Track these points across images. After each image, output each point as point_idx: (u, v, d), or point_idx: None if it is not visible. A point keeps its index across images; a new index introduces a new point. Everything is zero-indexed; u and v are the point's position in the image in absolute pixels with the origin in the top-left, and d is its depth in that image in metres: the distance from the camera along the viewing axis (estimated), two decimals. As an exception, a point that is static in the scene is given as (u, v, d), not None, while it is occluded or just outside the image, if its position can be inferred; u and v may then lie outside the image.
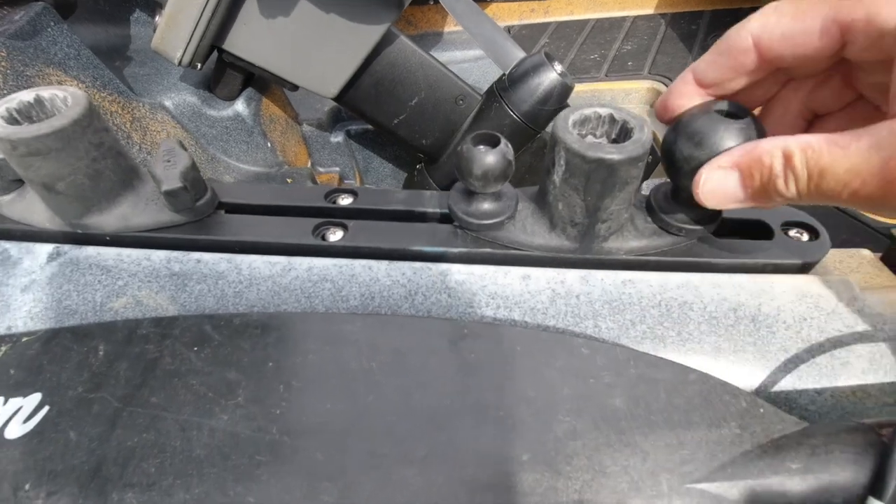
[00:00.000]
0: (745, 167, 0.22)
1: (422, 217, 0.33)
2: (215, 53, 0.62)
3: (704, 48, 0.96)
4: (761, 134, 0.25)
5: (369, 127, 0.83)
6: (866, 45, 0.21)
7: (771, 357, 0.28)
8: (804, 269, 0.31)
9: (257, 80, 0.71)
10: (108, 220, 0.31)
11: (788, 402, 0.28)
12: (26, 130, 0.26)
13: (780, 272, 0.31)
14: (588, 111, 0.27)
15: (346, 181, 0.90)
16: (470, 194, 0.30)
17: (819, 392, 0.28)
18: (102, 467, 0.25)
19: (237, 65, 0.61)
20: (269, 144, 0.72)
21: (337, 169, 0.90)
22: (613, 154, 0.25)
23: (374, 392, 0.25)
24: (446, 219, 0.32)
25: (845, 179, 0.19)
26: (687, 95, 0.26)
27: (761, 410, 0.23)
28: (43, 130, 0.26)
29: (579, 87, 0.90)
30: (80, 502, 0.24)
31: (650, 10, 1.07)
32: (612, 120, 0.27)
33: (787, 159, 0.20)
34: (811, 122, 0.28)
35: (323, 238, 0.32)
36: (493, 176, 0.27)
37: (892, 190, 0.18)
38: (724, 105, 0.26)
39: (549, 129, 0.69)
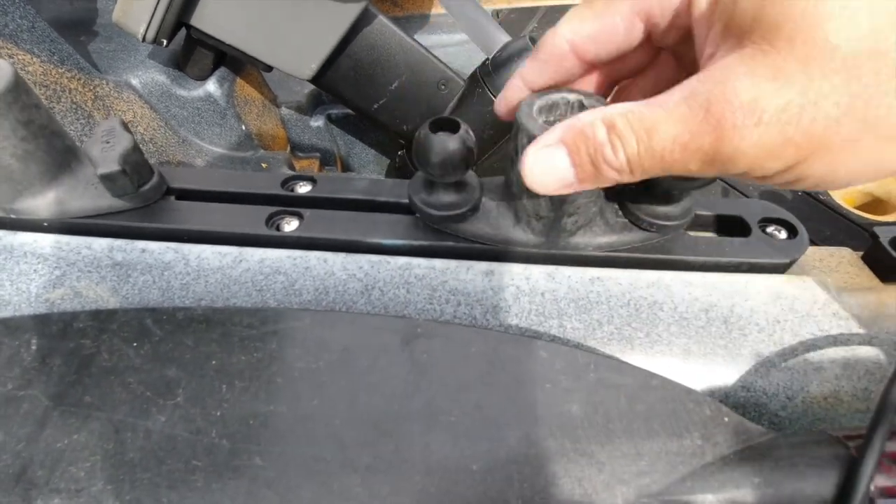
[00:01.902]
0: (571, 142, 0.20)
1: (383, 207, 0.31)
2: (184, 30, 0.59)
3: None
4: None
5: (351, 111, 0.80)
6: (667, 28, 0.21)
7: (742, 360, 0.27)
8: (781, 268, 0.30)
9: (231, 59, 0.68)
10: (43, 204, 0.28)
11: (758, 408, 0.27)
12: (-58, 106, 0.24)
13: (755, 271, 0.29)
14: (555, 96, 0.26)
15: (326, 167, 0.88)
16: (430, 184, 0.28)
17: (790, 398, 0.27)
18: (28, 471, 0.23)
19: (206, 42, 0.59)
20: (243, 127, 0.69)
21: (317, 154, 0.87)
22: (579, 144, 0.23)
23: (319, 394, 0.24)
24: (408, 209, 0.30)
25: (673, 133, 0.18)
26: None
27: (726, 419, 0.22)
28: (-39, 107, 0.24)
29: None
30: (1, 508, 0.22)
31: (642, -4, 1.04)
32: (581, 106, 0.26)
33: (611, 127, 0.19)
34: None
35: (277, 228, 0.30)
36: (453, 164, 0.25)
37: (723, 135, 0.17)
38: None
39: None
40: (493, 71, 0.66)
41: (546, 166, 0.21)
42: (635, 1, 0.21)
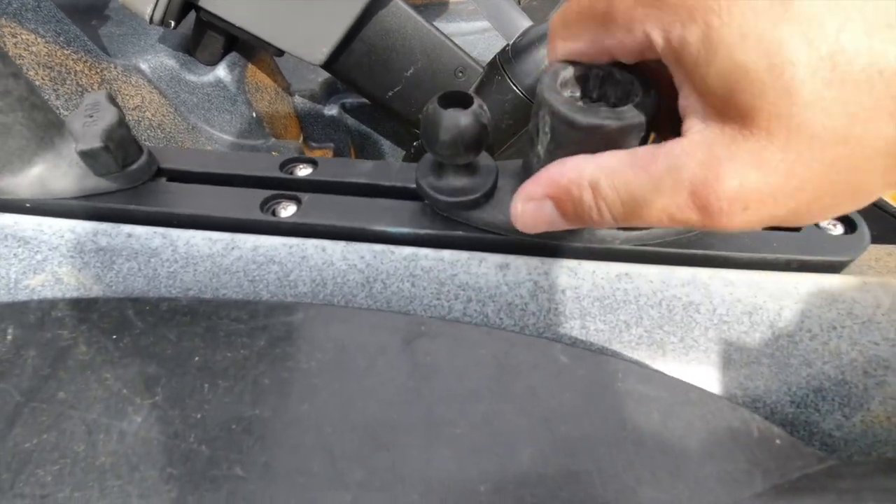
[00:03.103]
0: (557, 198, 0.20)
1: (388, 192, 0.28)
2: (194, 13, 0.57)
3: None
4: None
5: (366, 100, 0.78)
6: (635, 63, 0.20)
7: (791, 372, 0.24)
8: (836, 267, 0.26)
9: (243, 44, 0.66)
10: (23, 183, 0.26)
11: (809, 426, 0.24)
12: None
13: (806, 270, 0.26)
14: (583, 67, 0.22)
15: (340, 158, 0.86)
16: (440, 167, 0.25)
17: (847, 416, 0.23)
18: (-7, 472, 0.21)
19: (216, 25, 0.57)
20: (254, 115, 0.67)
21: (331, 144, 0.85)
22: (610, 120, 0.20)
23: (309, 398, 0.21)
24: (416, 195, 0.28)
25: (660, 204, 0.18)
26: None
27: (777, 442, 0.19)
28: (-72, 73, 0.22)
29: (591, 63, 0.84)
30: (-39, 513, 0.20)
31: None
32: (612, 78, 0.22)
33: (595, 189, 0.19)
34: None
35: (273, 213, 0.28)
36: (464, 143, 0.23)
37: (710, 217, 0.17)
38: None
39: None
40: (513, 57, 0.63)
41: (534, 216, 0.21)
42: (596, 37, 0.20)
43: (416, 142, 0.77)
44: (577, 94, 0.23)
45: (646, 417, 0.19)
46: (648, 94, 0.21)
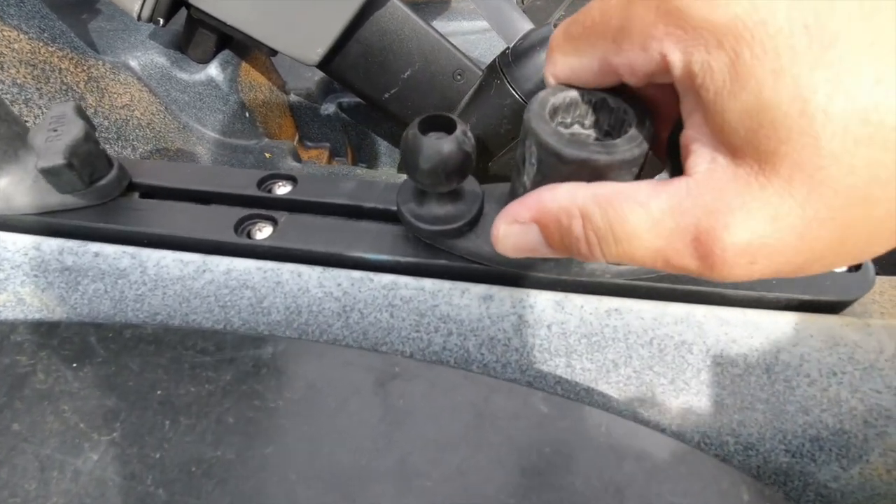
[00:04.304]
0: (544, 224, 0.19)
1: (370, 214, 0.27)
2: (185, 9, 0.55)
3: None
4: None
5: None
6: (644, 87, 0.18)
7: (787, 419, 0.22)
8: (838, 307, 0.25)
9: (237, 42, 0.65)
10: (-15, 199, 0.25)
11: (804, 477, 0.23)
12: None
13: (807, 310, 0.25)
14: (574, 93, 0.21)
15: (336, 158, 0.84)
16: (422, 193, 0.24)
17: (845, 468, 0.22)
18: (-60, 509, 0.20)
19: (208, 23, 0.55)
20: (247, 114, 0.66)
21: (327, 144, 0.84)
22: (599, 154, 0.19)
23: (275, 440, 0.20)
24: (398, 218, 0.26)
25: (656, 246, 0.16)
26: None
27: (770, 506, 0.18)
28: None
29: (594, 67, 0.82)
30: None
31: (679, -15, 0.97)
32: (605, 106, 0.21)
33: (586, 219, 0.17)
34: None
35: (248, 235, 0.26)
36: (446, 172, 0.21)
37: (711, 266, 0.15)
38: None
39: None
40: (513, 61, 0.62)
41: (518, 240, 0.20)
42: (604, 55, 0.18)
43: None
44: (568, 120, 0.22)
45: (630, 477, 0.18)
46: (643, 125, 0.20)
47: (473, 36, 0.90)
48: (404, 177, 0.71)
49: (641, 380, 0.23)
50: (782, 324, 0.24)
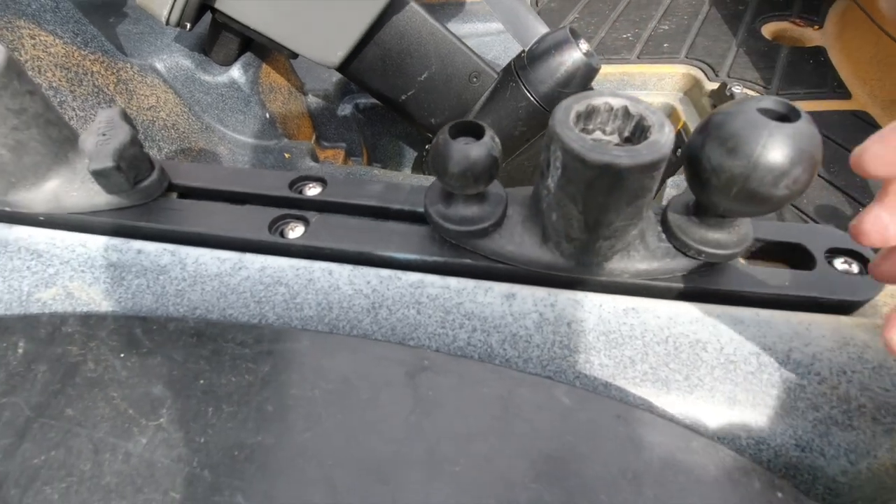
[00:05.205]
0: None
1: (397, 215, 0.28)
2: (210, 14, 0.57)
3: (752, 32, 0.87)
4: (817, 146, 0.19)
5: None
6: None
7: (798, 415, 0.23)
8: (850, 308, 0.26)
9: (257, 45, 0.66)
10: (38, 198, 0.27)
11: (814, 471, 0.23)
12: (-74, 92, 0.22)
13: (819, 310, 0.25)
14: (597, 101, 0.22)
15: (352, 158, 0.86)
16: (449, 195, 0.25)
17: (853, 462, 0.23)
18: (2, 487, 0.22)
19: (231, 27, 0.57)
20: (267, 115, 0.68)
21: (343, 144, 0.85)
22: (622, 159, 0.20)
23: (313, 427, 0.21)
24: (425, 219, 0.27)
25: None
26: None
27: (779, 495, 0.19)
28: (-54, 93, 0.22)
29: (607, 69, 0.82)
30: (-29, 527, 0.21)
31: (694, -13, 0.97)
32: (627, 114, 0.22)
33: None
34: None
35: (281, 234, 0.28)
36: (474, 175, 0.22)
37: None
38: (769, 102, 0.20)
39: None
40: (528, 64, 0.63)
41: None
42: None
43: (429, 145, 0.77)
44: (590, 127, 0.23)
45: (646, 465, 0.19)
46: (663, 131, 0.21)
47: (488, 38, 0.91)
48: (423, 177, 0.72)
49: (657, 376, 0.24)
50: (794, 323, 0.25)
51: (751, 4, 0.93)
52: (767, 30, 0.88)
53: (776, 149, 0.19)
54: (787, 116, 0.20)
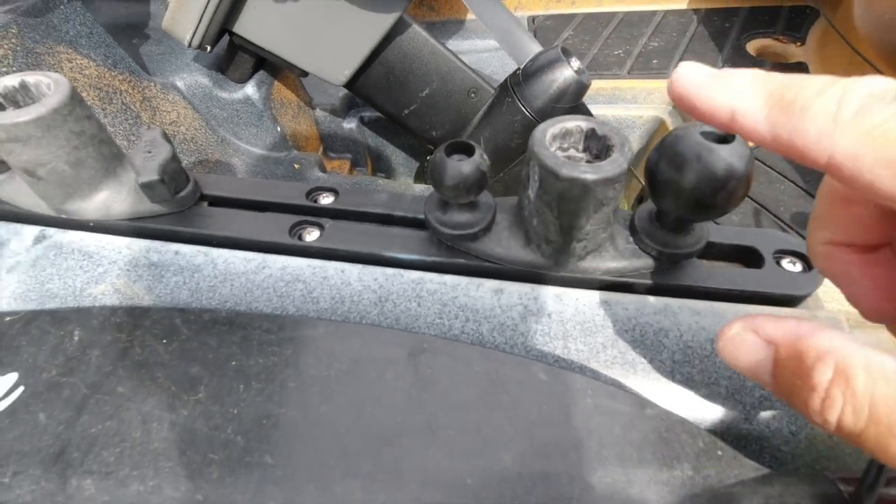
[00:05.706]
0: (781, 354, 0.16)
1: (400, 221, 0.33)
2: (227, 36, 0.62)
3: (737, 49, 0.92)
4: (748, 164, 0.23)
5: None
6: None
7: (746, 393, 0.27)
8: (794, 301, 0.29)
9: (269, 64, 0.71)
10: (90, 206, 0.31)
11: (760, 441, 0.27)
12: (5, 117, 0.26)
13: (767, 303, 0.29)
14: (570, 124, 0.26)
15: (357, 168, 0.90)
16: (444, 203, 0.29)
17: (794, 433, 0.27)
18: (66, 452, 0.26)
19: (247, 48, 0.61)
20: (278, 129, 0.72)
21: (349, 156, 0.90)
22: (587, 174, 0.24)
23: (327, 401, 0.25)
24: (424, 225, 0.32)
25: None
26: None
27: (719, 453, 0.23)
28: (22, 118, 0.26)
29: (599, 84, 0.87)
30: (41, 484, 0.25)
31: (682, 6, 1.02)
32: (594, 135, 0.26)
33: (842, 378, 0.14)
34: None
35: (299, 237, 0.32)
36: (466, 187, 0.26)
37: None
38: (709, 128, 0.24)
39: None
40: (523, 81, 0.67)
41: (745, 353, 0.18)
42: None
43: (430, 156, 0.81)
44: (565, 146, 0.27)
45: (609, 429, 0.23)
46: (623, 150, 0.25)
47: (486, 54, 0.95)
48: (422, 186, 0.76)
49: (625, 359, 0.28)
50: (744, 314, 0.28)
51: (737, 22, 0.97)
52: (752, 46, 0.92)
53: (714, 166, 0.23)
54: (725, 139, 0.24)
